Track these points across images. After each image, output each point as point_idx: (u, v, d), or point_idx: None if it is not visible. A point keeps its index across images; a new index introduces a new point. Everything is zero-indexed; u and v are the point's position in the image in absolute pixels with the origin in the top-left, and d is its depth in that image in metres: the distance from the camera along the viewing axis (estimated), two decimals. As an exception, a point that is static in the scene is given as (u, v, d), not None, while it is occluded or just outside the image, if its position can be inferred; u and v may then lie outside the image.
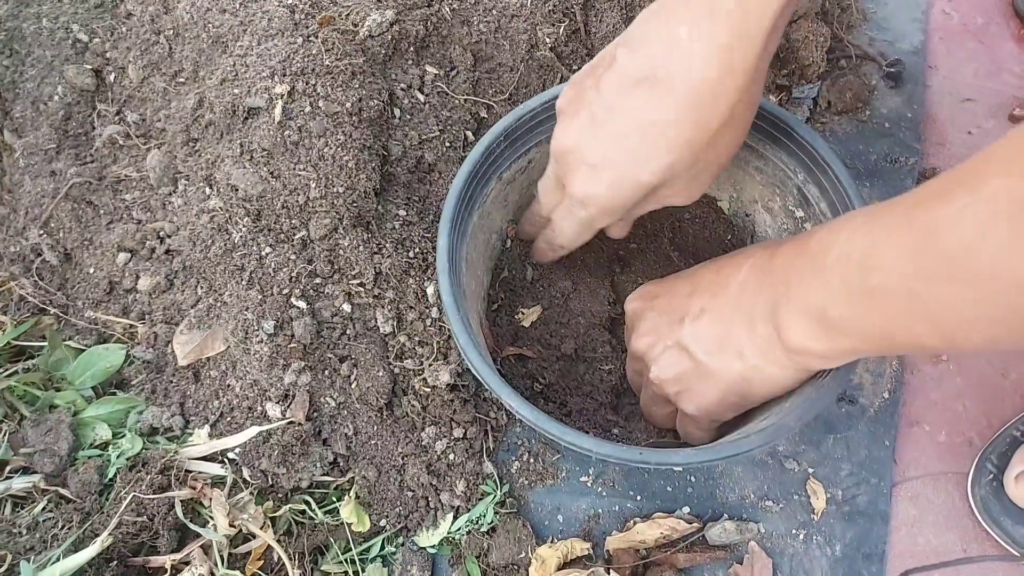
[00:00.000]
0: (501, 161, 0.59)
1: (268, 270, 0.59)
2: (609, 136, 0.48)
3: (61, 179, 0.66)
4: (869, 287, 0.39)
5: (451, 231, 0.54)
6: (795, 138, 0.56)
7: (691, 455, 0.47)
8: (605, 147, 0.49)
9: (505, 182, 0.61)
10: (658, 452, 0.47)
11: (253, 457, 0.57)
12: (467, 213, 0.57)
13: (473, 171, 0.56)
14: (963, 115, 0.80)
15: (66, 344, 0.62)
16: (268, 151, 0.59)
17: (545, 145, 0.61)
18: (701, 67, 0.44)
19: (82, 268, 0.66)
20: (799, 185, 0.58)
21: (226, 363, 0.60)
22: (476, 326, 0.56)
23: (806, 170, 0.56)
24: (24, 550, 0.52)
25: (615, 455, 0.47)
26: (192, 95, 0.64)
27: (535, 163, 0.62)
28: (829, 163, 0.54)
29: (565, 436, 0.47)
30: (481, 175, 0.57)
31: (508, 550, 0.58)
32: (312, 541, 0.58)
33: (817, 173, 0.56)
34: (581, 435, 0.47)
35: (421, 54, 0.67)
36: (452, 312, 0.51)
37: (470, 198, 0.56)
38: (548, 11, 0.70)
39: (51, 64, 0.69)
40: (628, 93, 0.47)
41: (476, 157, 0.56)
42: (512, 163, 0.60)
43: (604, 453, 0.47)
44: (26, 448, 0.57)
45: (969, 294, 0.34)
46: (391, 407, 0.60)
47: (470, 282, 0.58)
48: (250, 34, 0.62)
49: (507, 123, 0.58)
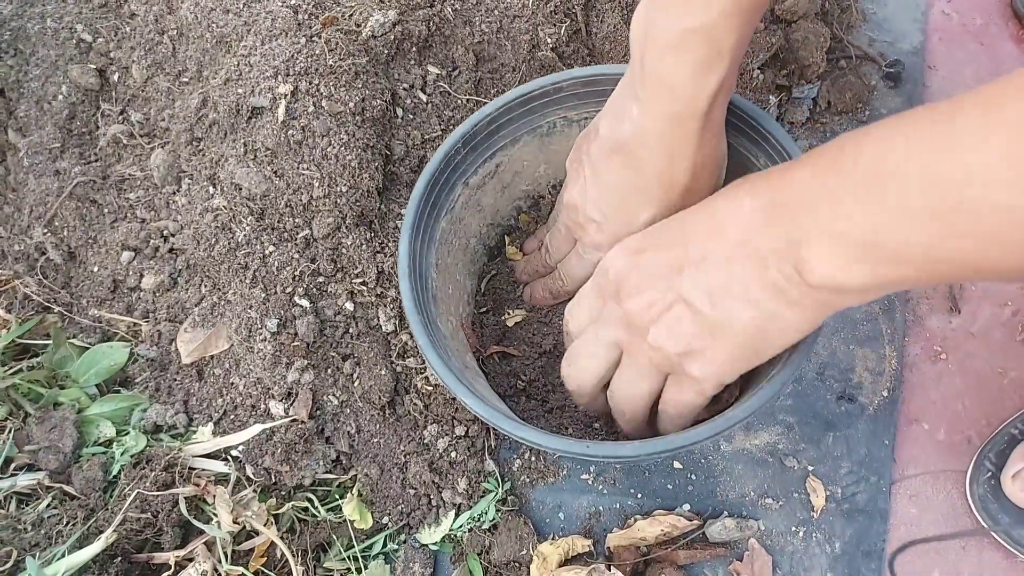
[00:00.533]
0: (465, 167, 0.59)
1: (271, 269, 0.59)
2: (600, 196, 0.54)
3: (65, 178, 0.67)
4: (954, 203, 0.33)
5: (412, 237, 0.54)
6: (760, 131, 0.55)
7: (638, 447, 0.46)
8: (599, 205, 0.54)
9: (473, 187, 0.61)
10: (603, 445, 0.47)
11: (256, 455, 0.58)
12: (432, 219, 0.57)
13: (433, 178, 0.56)
14: (962, 115, 0.80)
15: (70, 342, 0.63)
16: (272, 150, 0.59)
17: (510, 149, 0.62)
18: (655, 141, 0.49)
19: (86, 266, 0.66)
20: None
21: (230, 361, 0.60)
22: (451, 328, 0.57)
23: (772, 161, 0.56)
24: (29, 546, 0.53)
25: (562, 448, 0.47)
26: (196, 95, 0.65)
27: (504, 167, 0.62)
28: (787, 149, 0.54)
29: (516, 432, 0.48)
30: (444, 182, 0.57)
31: (510, 547, 0.58)
32: (315, 538, 0.58)
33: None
34: (529, 429, 0.48)
35: (423, 54, 0.68)
36: (412, 315, 0.51)
37: (434, 204, 0.57)
38: (550, 12, 0.70)
39: (55, 64, 0.69)
40: (608, 159, 0.53)
41: (435, 165, 0.56)
42: (478, 168, 0.61)
43: (551, 447, 0.47)
44: (31, 445, 0.57)
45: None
46: (393, 405, 0.61)
47: (445, 286, 0.58)
48: (254, 34, 0.62)
49: (464, 130, 0.58)
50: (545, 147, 0.63)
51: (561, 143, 0.63)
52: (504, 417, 0.48)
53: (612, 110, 0.53)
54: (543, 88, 0.59)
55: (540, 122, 0.61)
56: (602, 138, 0.53)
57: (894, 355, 0.68)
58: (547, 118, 0.61)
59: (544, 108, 0.60)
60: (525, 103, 0.59)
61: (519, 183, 0.65)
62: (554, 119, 0.61)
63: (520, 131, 0.61)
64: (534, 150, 0.63)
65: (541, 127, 0.62)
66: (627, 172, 0.52)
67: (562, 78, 0.59)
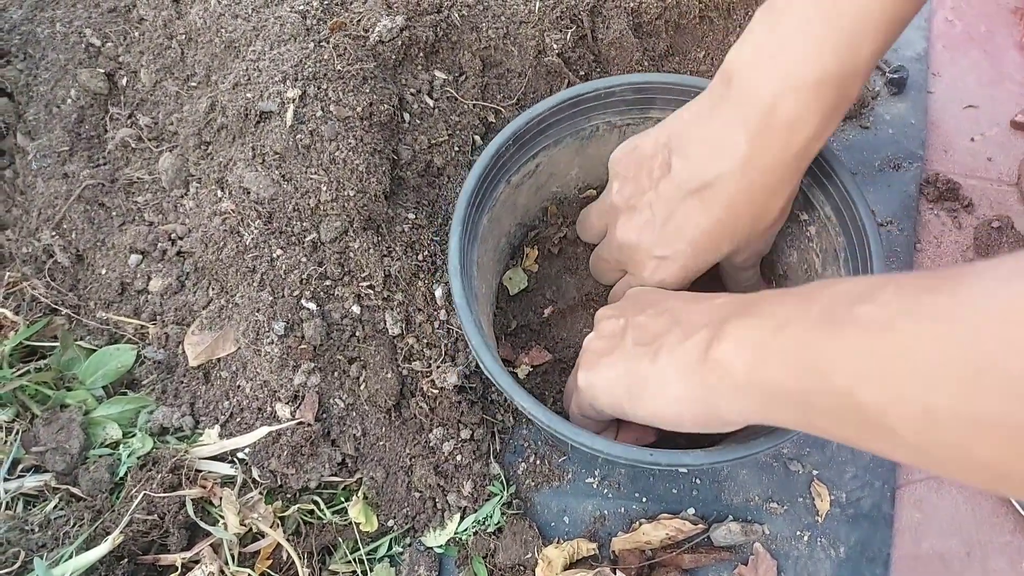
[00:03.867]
0: (510, 164, 0.60)
1: (279, 272, 0.60)
2: (673, 235, 0.52)
3: (74, 181, 0.67)
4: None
5: (463, 233, 0.54)
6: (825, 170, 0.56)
7: (701, 456, 0.48)
8: (671, 244, 0.53)
9: (513, 185, 0.62)
10: (668, 453, 0.48)
11: (263, 457, 0.58)
12: (478, 216, 0.57)
13: (484, 173, 0.56)
14: (966, 122, 0.81)
15: (78, 344, 0.63)
16: (280, 154, 0.59)
17: (552, 150, 0.62)
18: (759, 180, 0.48)
19: (94, 269, 0.66)
20: (803, 189, 0.58)
21: (236, 364, 0.61)
22: (488, 328, 0.57)
23: (810, 174, 0.57)
24: (36, 547, 0.53)
25: (625, 456, 0.47)
26: (205, 99, 0.65)
27: (542, 167, 0.63)
28: (833, 167, 0.55)
29: (577, 437, 0.48)
30: (491, 178, 0.58)
31: (515, 551, 0.58)
32: (320, 541, 0.58)
33: (821, 177, 0.56)
34: (592, 436, 0.48)
35: (431, 59, 0.68)
36: (465, 314, 0.51)
37: (480, 201, 0.57)
38: (556, 17, 0.70)
39: (64, 68, 0.70)
40: (688, 200, 0.51)
41: (487, 160, 0.57)
42: (520, 167, 0.61)
43: (615, 454, 0.47)
44: (38, 447, 0.58)
45: None
46: (399, 408, 0.61)
47: (480, 285, 0.58)
48: (263, 39, 0.63)
49: (516, 127, 0.58)
50: (582, 150, 0.64)
51: (598, 147, 0.64)
52: (573, 427, 0.48)
53: (686, 141, 0.51)
54: (596, 91, 0.59)
55: (584, 125, 0.62)
56: (680, 177, 0.51)
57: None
58: (592, 121, 0.62)
59: (591, 111, 0.61)
60: (575, 104, 0.60)
61: (551, 184, 0.66)
62: (598, 123, 0.62)
63: (564, 132, 0.61)
64: (572, 152, 0.64)
65: (584, 130, 0.62)
66: (715, 211, 0.50)
67: (616, 83, 0.59)
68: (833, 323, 0.34)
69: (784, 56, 0.45)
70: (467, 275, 0.54)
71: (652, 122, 0.61)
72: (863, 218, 0.52)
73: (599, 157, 0.64)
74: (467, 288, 0.52)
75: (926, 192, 0.76)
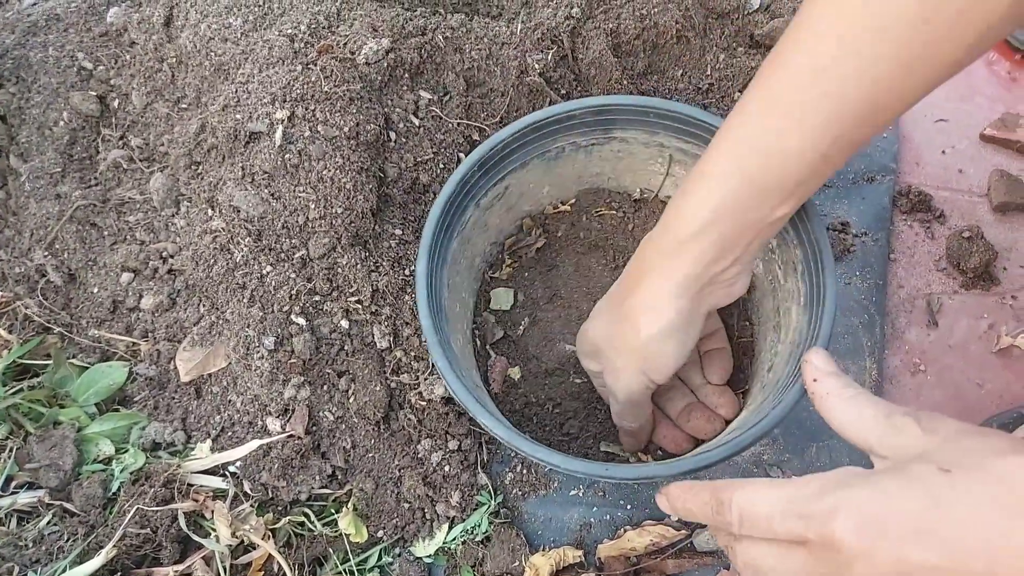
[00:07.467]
0: (476, 190, 0.61)
1: (269, 288, 0.61)
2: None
3: (66, 202, 0.68)
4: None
5: (430, 257, 0.56)
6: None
7: (657, 468, 0.49)
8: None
9: (483, 208, 0.63)
10: (623, 467, 0.49)
11: (254, 470, 0.59)
12: (446, 240, 0.59)
13: (449, 200, 0.58)
14: (937, 135, 0.83)
15: (70, 362, 0.64)
16: (269, 174, 0.61)
17: (520, 172, 0.64)
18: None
19: (86, 288, 0.67)
20: None
21: (227, 379, 0.62)
22: (459, 345, 0.58)
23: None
24: (30, 562, 0.54)
25: (585, 471, 0.48)
26: (195, 120, 0.67)
27: (511, 188, 0.65)
28: None
29: (536, 453, 0.49)
30: (458, 203, 0.59)
31: (502, 559, 0.59)
32: (311, 552, 0.59)
33: None
34: (550, 452, 0.49)
35: (416, 80, 0.70)
36: (430, 335, 0.52)
37: (448, 226, 0.59)
38: (537, 39, 0.73)
39: (57, 91, 0.71)
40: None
41: (451, 187, 0.58)
42: (488, 190, 0.63)
43: (572, 469, 0.48)
44: (31, 463, 0.58)
45: None
46: (388, 421, 0.62)
47: (453, 305, 0.60)
48: (252, 62, 0.65)
49: (480, 153, 0.60)
50: (551, 170, 0.66)
51: (565, 166, 0.66)
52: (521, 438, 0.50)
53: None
54: (557, 116, 0.61)
55: (550, 147, 0.64)
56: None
57: (874, 367, 0.69)
58: (557, 143, 0.64)
59: (555, 134, 0.63)
60: (538, 128, 0.62)
61: (523, 204, 0.68)
62: (563, 144, 0.64)
63: (530, 155, 0.63)
64: (540, 173, 0.66)
65: (550, 151, 0.64)
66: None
67: (575, 107, 0.61)
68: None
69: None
70: (435, 297, 0.55)
71: (616, 141, 0.64)
72: (816, 231, 0.54)
73: (568, 174, 0.67)
74: (435, 310, 0.54)
75: (899, 204, 0.78)
